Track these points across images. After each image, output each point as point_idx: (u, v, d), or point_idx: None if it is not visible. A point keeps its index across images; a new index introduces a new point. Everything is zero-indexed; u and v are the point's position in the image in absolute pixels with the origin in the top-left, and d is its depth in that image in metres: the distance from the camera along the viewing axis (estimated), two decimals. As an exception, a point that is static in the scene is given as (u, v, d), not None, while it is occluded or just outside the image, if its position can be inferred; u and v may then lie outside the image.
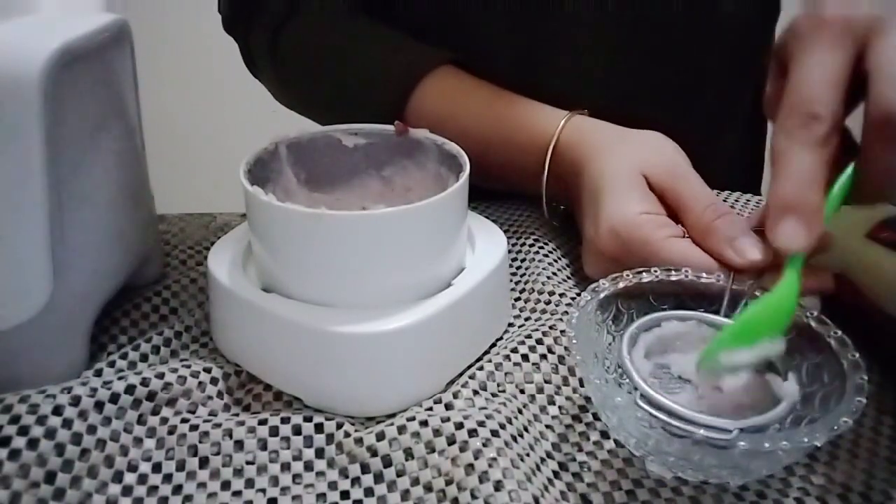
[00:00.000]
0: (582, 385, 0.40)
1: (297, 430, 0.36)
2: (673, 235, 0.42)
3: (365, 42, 0.60)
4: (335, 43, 0.61)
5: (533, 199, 0.55)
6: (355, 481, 0.35)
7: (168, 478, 0.35)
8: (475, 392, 0.39)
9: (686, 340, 0.38)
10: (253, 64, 0.69)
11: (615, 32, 0.60)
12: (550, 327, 0.43)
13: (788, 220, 0.34)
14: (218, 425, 0.36)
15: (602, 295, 0.38)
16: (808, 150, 0.34)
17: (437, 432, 0.35)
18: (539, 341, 0.42)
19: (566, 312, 0.45)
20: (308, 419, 0.37)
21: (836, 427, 0.30)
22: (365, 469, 0.35)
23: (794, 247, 0.34)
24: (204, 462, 0.35)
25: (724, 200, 0.62)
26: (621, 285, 0.38)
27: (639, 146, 0.48)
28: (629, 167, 0.46)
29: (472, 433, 0.35)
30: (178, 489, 0.34)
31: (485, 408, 0.37)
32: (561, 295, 0.46)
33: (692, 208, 0.43)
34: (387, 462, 0.35)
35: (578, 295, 0.46)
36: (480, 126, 0.55)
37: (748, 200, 0.62)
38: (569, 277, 0.50)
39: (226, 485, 0.34)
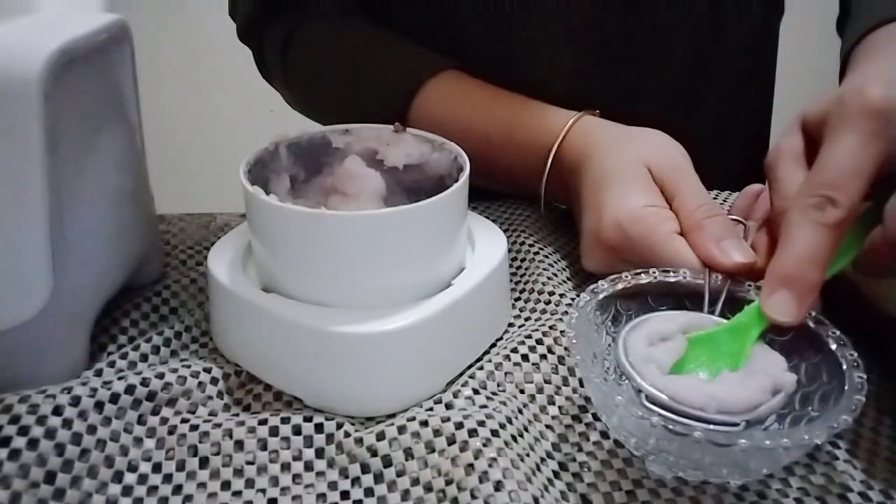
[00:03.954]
0: (582, 385, 0.40)
1: (297, 430, 0.36)
2: (676, 231, 0.42)
3: (370, 47, 0.61)
4: (342, 48, 0.63)
5: (532, 199, 0.55)
6: (355, 481, 0.35)
7: (168, 478, 0.35)
8: (475, 392, 0.39)
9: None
10: (266, 71, 0.70)
11: (614, 34, 0.60)
12: (550, 327, 0.43)
13: (782, 292, 0.34)
14: (218, 425, 0.36)
15: (601, 296, 0.38)
16: (818, 230, 0.34)
17: (437, 432, 0.35)
18: (539, 341, 0.42)
19: (566, 312, 0.45)
20: (308, 419, 0.37)
21: (835, 425, 0.30)
22: (365, 469, 0.35)
23: (782, 319, 0.35)
24: (204, 462, 0.35)
25: (725, 201, 0.61)
26: (620, 286, 0.38)
27: (643, 142, 0.48)
28: (633, 160, 0.46)
29: (472, 433, 0.35)
30: (178, 489, 0.34)
31: (485, 407, 0.37)
32: (561, 295, 0.46)
33: (686, 204, 0.43)
34: (387, 462, 0.35)
35: (578, 295, 0.46)
36: (483, 126, 0.55)
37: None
38: (569, 278, 0.50)
39: (226, 485, 0.34)
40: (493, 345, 0.43)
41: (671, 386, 0.33)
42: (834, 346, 0.35)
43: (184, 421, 0.37)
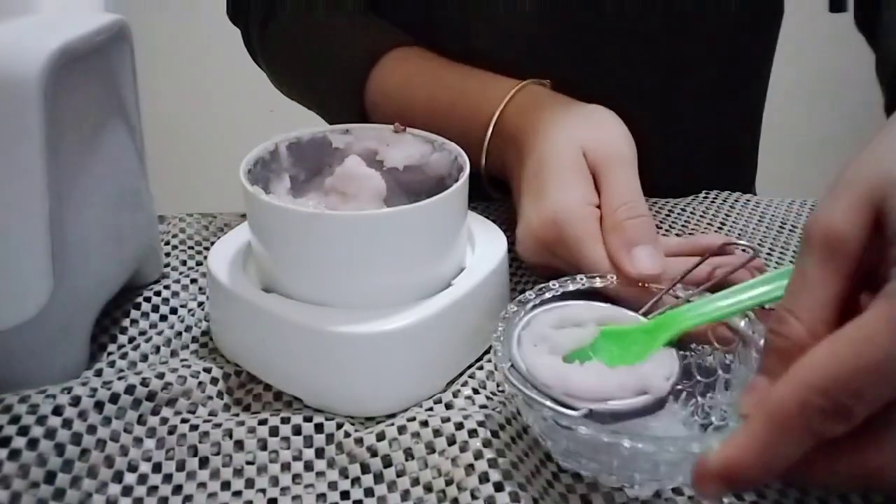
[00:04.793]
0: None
1: (297, 430, 0.36)
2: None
3: (337, 22, 0.61)
4: (311, 26, 0.63)
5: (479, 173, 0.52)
6: (355, 481, 0.35)
7: (168, 478, 0.35)
8: (475, 392, 0.39)
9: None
10: (252, 51, 0.71)
11: (589, 18, 0.59)
12: (550, 327, 0.43)
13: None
14: (218, 425, 0.36)
15: (529, 305, 0.38)
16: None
17: (437, 432, 0.35)
18: (539, 341, 0.42)
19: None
20: (308, 419, 0.37)
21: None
22: (365, 469, 0.35)
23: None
24: (204, 462, 0.35)
25: (722, 201, 0.61)
26: (547, 295, 0.38)
27: (584, 121, 0.47)
28: (572, 146, 0.45)
29: (473, 433, 0.35)
30: (178, 489, 0.34)
31: (485, 407, 0.37)
32: (561, 295, 0.46)
33: (611, 199, 0.42)
34: (387, 462, 0.35)
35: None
36: (429, 96, 0.54)
37: (737, 199, 0.62)
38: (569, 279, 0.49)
39: (226, 485, 0.34)
40: (494, 345, 0.43)
41: (532, 361, 0.34)
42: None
43: (184, 421, 0.37)
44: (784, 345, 0.29)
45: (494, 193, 0.54)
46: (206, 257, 0.43)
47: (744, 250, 0.41)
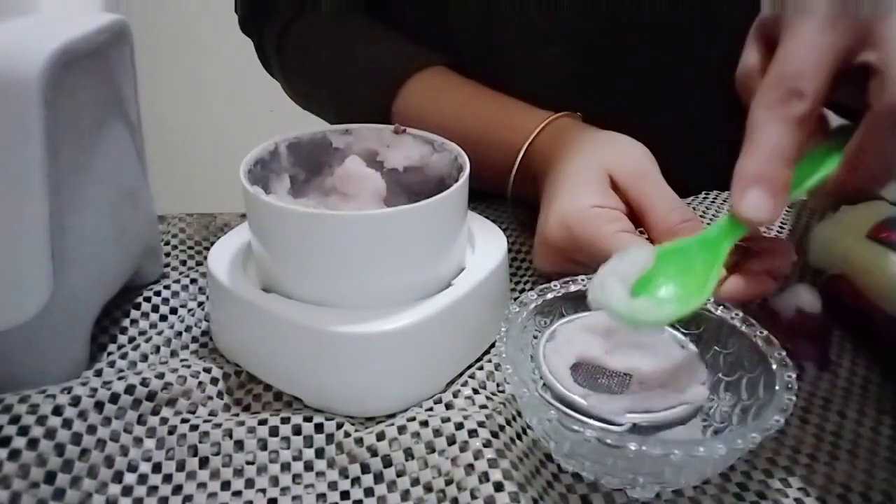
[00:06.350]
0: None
1: (297, 430, 0.36)
2: (623, 230, 0.41)
3: (360, 41, 0.62)
4: (333, 41, 0.63)
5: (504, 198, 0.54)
6: (355, 481, 0.35)
7: (168, 478, 0.35)
8: (475, 392, 0.39)
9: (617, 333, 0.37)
10: (266, 62, 0.71)
11: (604, 32, 0.60)
12: (550, 327, 0.43)
13: (755, 191, 0.33)
14: (218, 425, 0.36)
15: (532, 306, 0.37)
16: (785, 125, 0.33)
17: (437, 432, 0.35)
18: (539, 341, 0.42)
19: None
20: (308, 419, 0.37)
21: (738, 442, 0.30)
22: (365, 469, 0.35)
23: (759, 217, 0.33)
24: (204, 462, 0.35)
25: (722, 201, 0.61)
26: (549, 296, 0.38)
27: (607, 148, 0.47)
28: (592, 164, 0.45)
29: (473, 433, 0.35)
30: (178, 489, 0.34)
31: (485, 407, 0.37)
32: (561, 295, 0.46)
33: (656, 208, 0.42)
34: (387, 462, 0.35)
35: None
36: (460, 122, 0.54)
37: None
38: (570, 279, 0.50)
39: (226, 485, 0.34)
40: (493, 345, 0.43)
41: (566, 379, 0.34)
42: (775, 367, 0.34)
43: (184, 421, 0.37)
44: (797, 117, 0.33)
45: (521, 217, 0.55)
46: (206, 257, 0.43)
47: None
